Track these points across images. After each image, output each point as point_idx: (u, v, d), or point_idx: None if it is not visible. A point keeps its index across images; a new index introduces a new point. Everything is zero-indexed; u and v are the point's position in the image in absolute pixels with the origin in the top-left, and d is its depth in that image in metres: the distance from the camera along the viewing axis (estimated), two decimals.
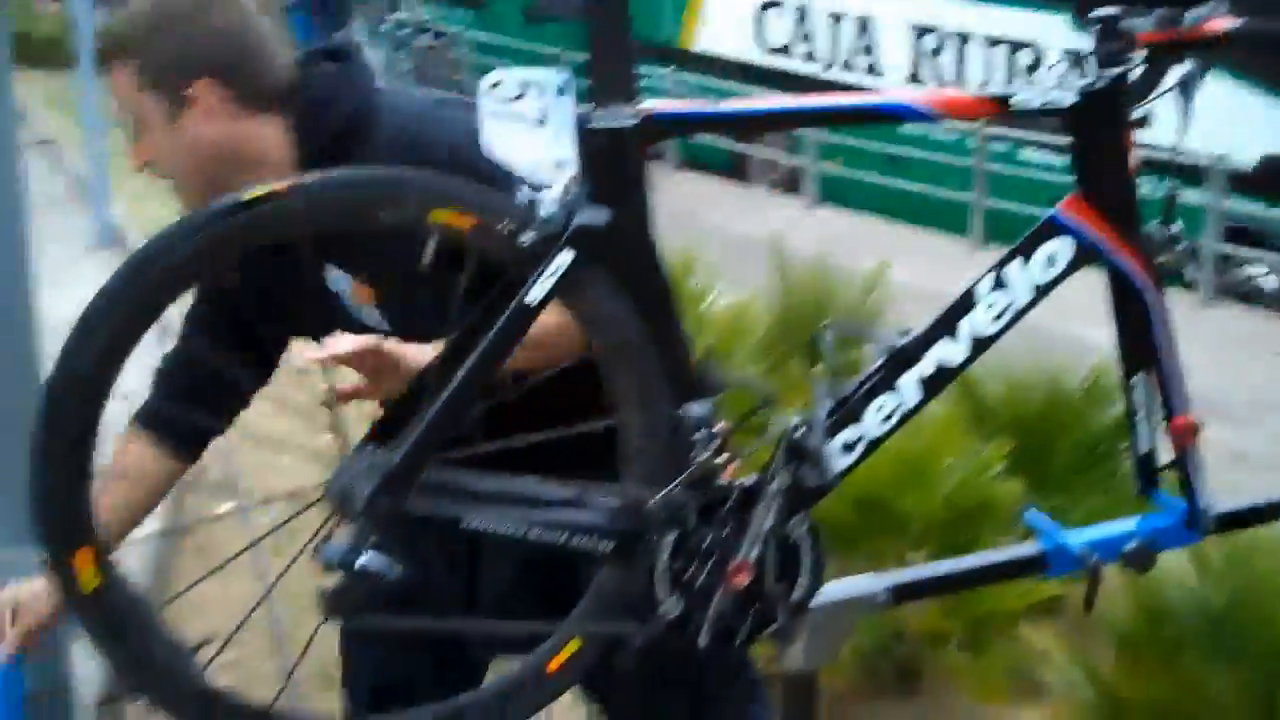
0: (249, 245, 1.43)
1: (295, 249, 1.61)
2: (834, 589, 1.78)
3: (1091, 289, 1.72)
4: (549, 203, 1.44)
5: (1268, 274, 9.07)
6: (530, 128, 1.46)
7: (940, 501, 3.40)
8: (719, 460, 1.53)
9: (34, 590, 2.08)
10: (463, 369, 1.45)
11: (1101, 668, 2.79)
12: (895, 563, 3.15)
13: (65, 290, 2.28)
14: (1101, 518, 3.32)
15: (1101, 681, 2.76)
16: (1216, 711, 2.56)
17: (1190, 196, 9.08)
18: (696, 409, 1.53)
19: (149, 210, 8.67)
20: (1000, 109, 1.63)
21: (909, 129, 11.02)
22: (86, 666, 2.90)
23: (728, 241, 8.95)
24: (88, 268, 6.93)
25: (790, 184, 12.32)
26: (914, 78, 11.21)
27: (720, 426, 1.54)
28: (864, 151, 11.18)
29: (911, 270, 6.91)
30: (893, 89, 1.97)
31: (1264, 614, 2.63)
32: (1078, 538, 1.77)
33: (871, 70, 11.68)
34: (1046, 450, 3.74)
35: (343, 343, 1.63)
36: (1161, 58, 1.62)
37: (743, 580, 1.56)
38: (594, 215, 1.45)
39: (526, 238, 1.42)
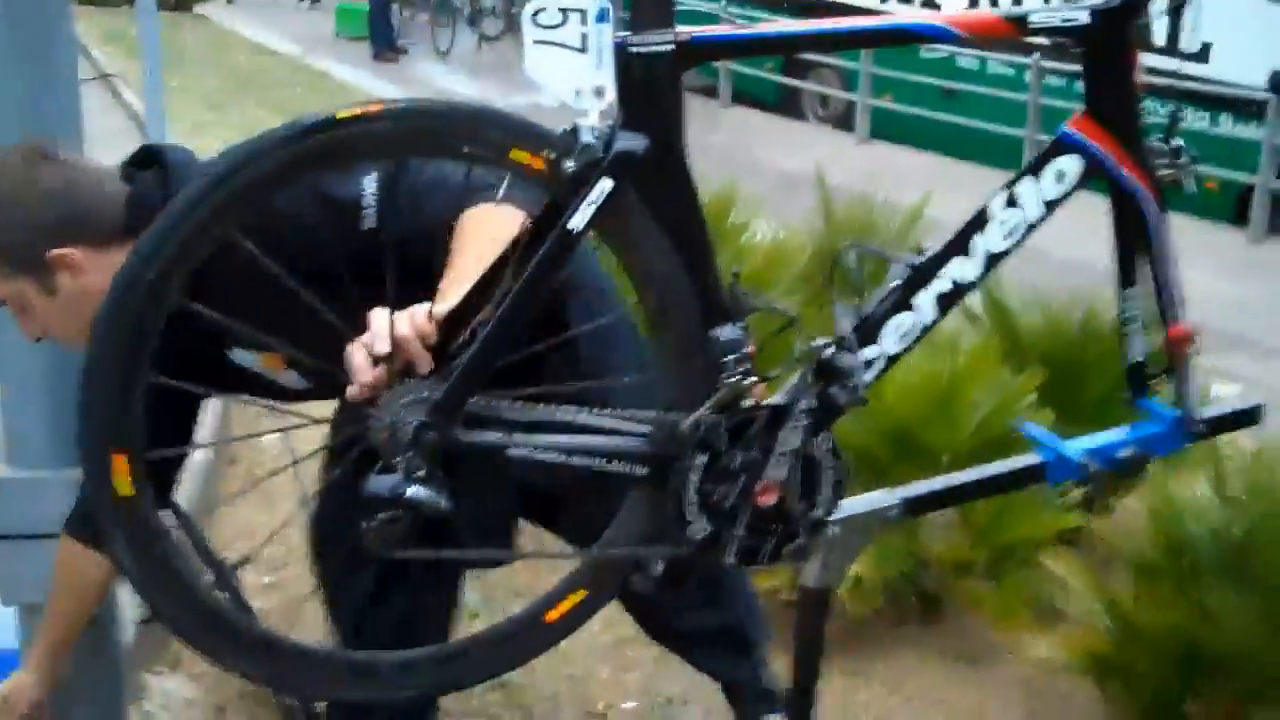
0: (333, 164, 1.47)
1: (197, 338, 1.64)
2: (848, 505, 1.83)
3: None
4: (588, 129, 1.46)
5: None
6: (571, 54, 1.50)
7: (969, 432, 3.41)
8: (748, 382, 1.57)
9: (18, 683, 2.24)
10: (508, 299, 1.47)
11: (1120, 597, 2.81)
12: None
13: None
14: None
15: (1119, 610, 2.79)
16: (1231, 639, 2.58)
17: (1246, 132, 8.96)
18: (727, 332, 1.56)
19: (204, 143, 8.78)
20: (1019, 29, 1.69)
21: (964, 63, 10.97)
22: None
23: (776, 176, 8.94)
24: None
25: (842, 119, 12.24)
26: (973, 2, 11.06)
27: (749, 349, 1.58)
28: (917, 86, 11.08)
29: (959, 204, 6.84)
30: (919, 11, 2.04)
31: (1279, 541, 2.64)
32: (1075, 447, 1.84)
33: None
34: (1078, 382, 3.74)
35: (379, 339, 1.55)
36: None
37: (770, 499, 1.62)
38: (632, 141, 1.47)
39: (568, 165, 1.44)
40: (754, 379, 1.58)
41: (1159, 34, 9.17)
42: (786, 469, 1.62)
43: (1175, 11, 1.94)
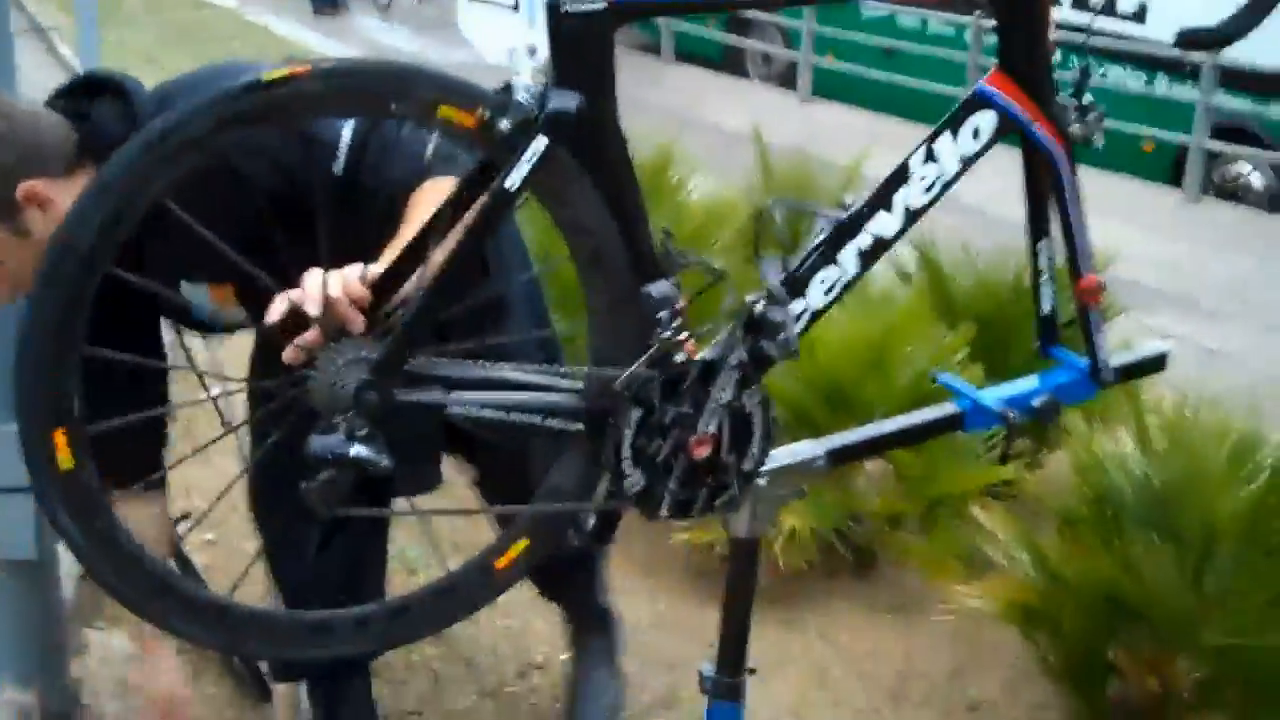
0: (264, 123, 1.45)
1: (146, 273, 1.65)
2: (775, 456, 1.88)
3: None
4: (522, 88, 1.46)
5: (1253, 171, 9.07)
6: (504, 12, 1.52)
7: (902, 388, 3.47)
8: (680, 337, 1.60)
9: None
10: (446, 257, 1.48)
11: (1046, 548, 2.88)
12: None
13: None
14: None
15: (1045, 561, 2.85)
16: (1151, 588, 2.65)
17: (1180, 93, 9.08)
18: (659, 288, 1.58)
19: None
20: None
21: (904, 22, 11.02)
22: None
23: (718, 134, 8.95)
24: None
25: (786, 78, 12.27)
26: None
27: (680, 305, 1.60)
28: (859, 45, 11.12)
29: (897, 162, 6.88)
30: None
31: (1200, 495, 2.72)
32: (991, 396, 1.91)
33: None
34: (1009, 338, 3.80)
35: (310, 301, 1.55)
36: None
37: (703, 452, 1.64)
38: (566, 100, 1.47)
39: (503, 124, 1.45)
40: (686, 334, 1.60)
41: None
42: (719, 422, 1.65)
43: None
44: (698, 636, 3.13)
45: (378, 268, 1.61)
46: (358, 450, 1.45)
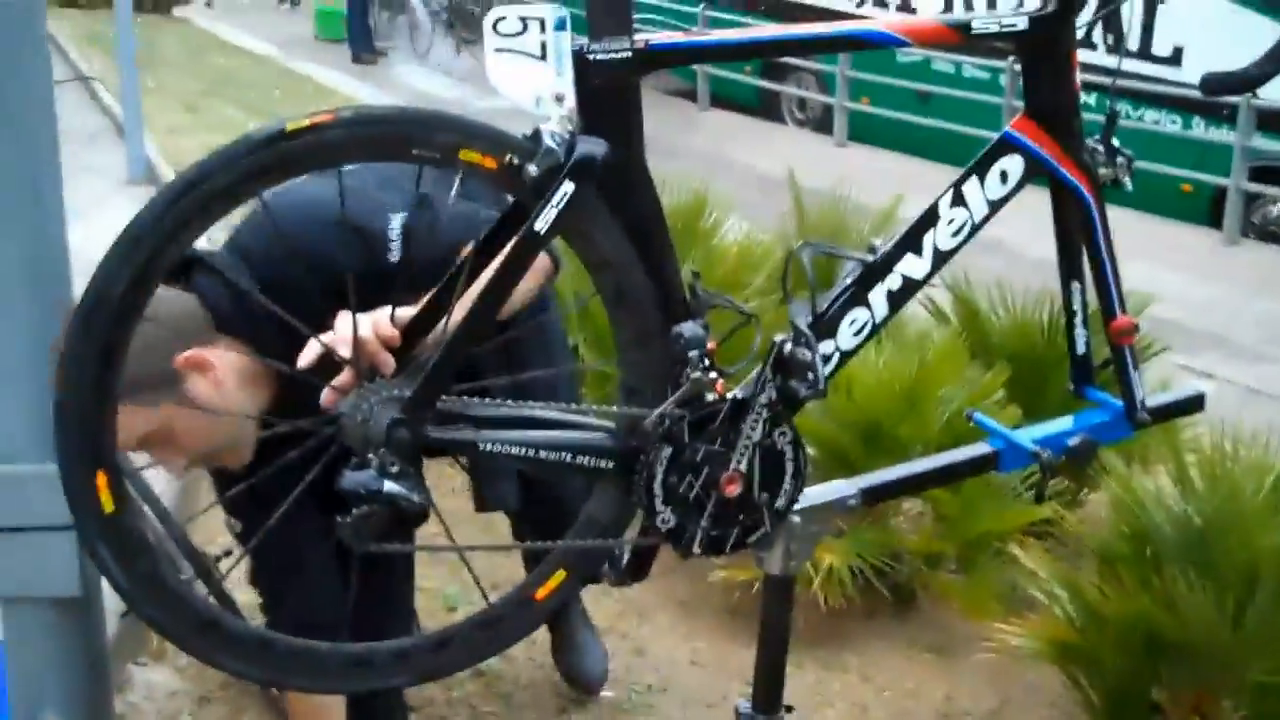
0: (287, 174, 1.47)
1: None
2: (809, 494, 1.89)
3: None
4: (550, 135, 1.51)
5: None
6: (531, 61, 1.55)
7: (938, 428, 3.47)
8: (709, 377, 1.62)
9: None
10: (475, 299, 1.53)
11: (1085, 586, 2.87)
12: None
13: (98, 224, 2.36)
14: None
15: (1085, 599, 2.84)
16: (1192, 625, 2.64)
17: (1217, 134, 9.05)
18: (688, 329, 1.62)
19: (182, 145, 8.82)
20: (961, 35, 1.78)
21: (939, 66, 11.05)
22: None
23: (753, 178, 9.00)
24: (121, 202, 7.07)
25: (821, 123, 12.31)
26: (948, 4, 11.14)
27: (710, 345, 1.63)
28: (894, 89, 11.15)
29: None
30: (868, 19, 2.17)
31: (1240, 533, 2.70)
32: (1025, 436, 1.91)
33: (906, 8, 11.61)
34: (1045, 379, 3.80)
35: (342, 343, 1.63)
36: None
37: (734, 490, 1.67)
38: (593, 146, 1.51)
39: (531, 169, 1.49)
40: (715, 374, 1.63)
41: (1132, 39, 9.27)
42: (749, 460, 1.67)
43: (1115, 14, 2.04)
44: (737, 675, 3.13)
45: (407, 311, 1.65)
46: (390, 487, 1.48)
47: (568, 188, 1.49)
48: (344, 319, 1.62)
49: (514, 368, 2.26)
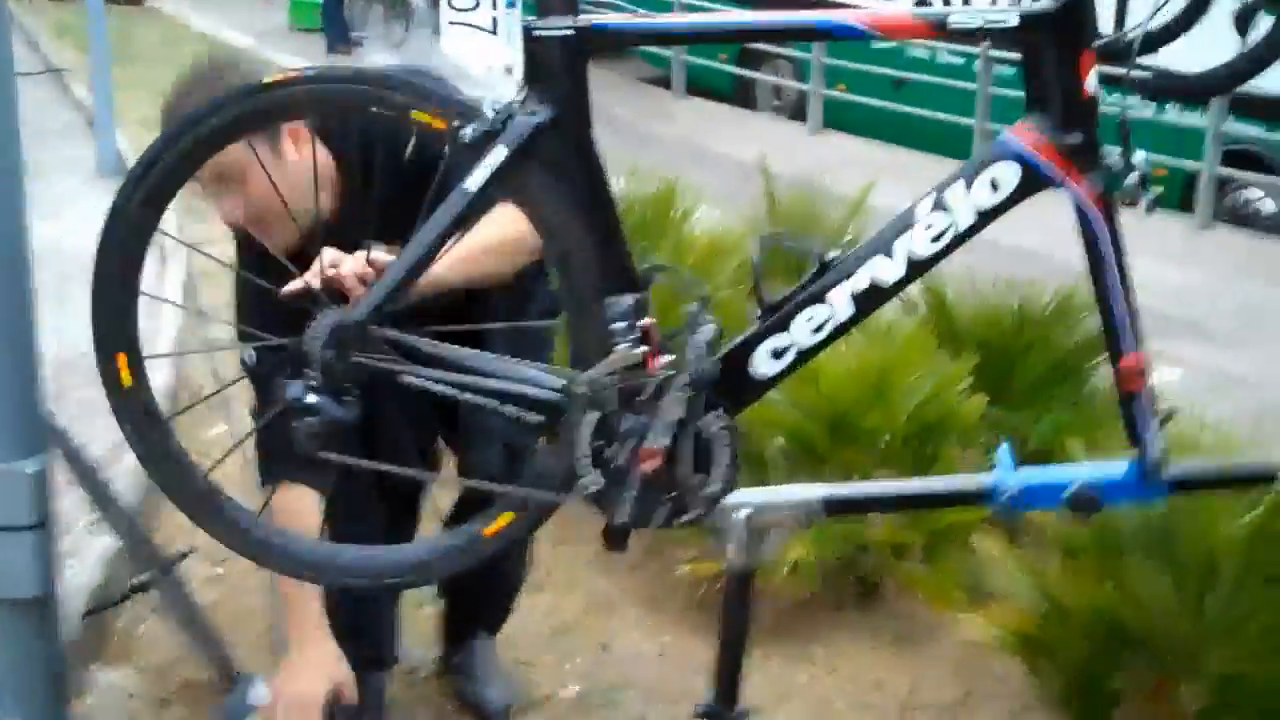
0: (267, 120, 1.92)
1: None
2: (769, 494, 1.88)
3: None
4: (490, 103, 1.61)
5: (1264, 198, 9.06)
6: (483, 35, 1.72)
7: (905, 417, 3.47)
8: (639, 350, 1.65)
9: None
10: (412, 248, 1.66)
11: (1048, 577, 2.87)
12: (862, 477, 3.24)
13: (70, 218, 2.36)
14: (1067, 434, 3.42)
15: (1047, 589, 2.85)
16: (1153, 615, 2.64)
17: (1190, 119, 9.07)
18: (621, 301, 1.65)
19: (152, 139, 8.71)
20: (938, 30, 1.62)
21: (914, 53, 11.03)
22: (76, 579, 3.02)
23: (729, 166, 8.98)
24: (92, 194, 7.01)
25: (797, 110, 12.30)
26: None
27: (646, 321, 1.66)
28: (869, 76, 11.14)
29: (908, 194, 6.88)
30: (841, 7, 1.96)
31: (1199, 524, 2.70)
32: (1026, 480, 1.78)
33: None
34: (1013, 368, 3.81)
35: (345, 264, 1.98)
36: None
37: (652, 465, 1.68)
38: (529, 115, 1.60)
39: (466, 132, 1.59)
40: (644, 349, 1.66)
41: (1105, 23, 9.28)
42: (670, 439, 1.67)
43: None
44: (704, 670, 3.11)
45: (381, 253, 1.90)
46: (311, 399, 1.66)
47: (500, 152, 1.58)
48: (329, 252, 1.96)
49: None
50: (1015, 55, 1.69)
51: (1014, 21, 1.60)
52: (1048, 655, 2.86)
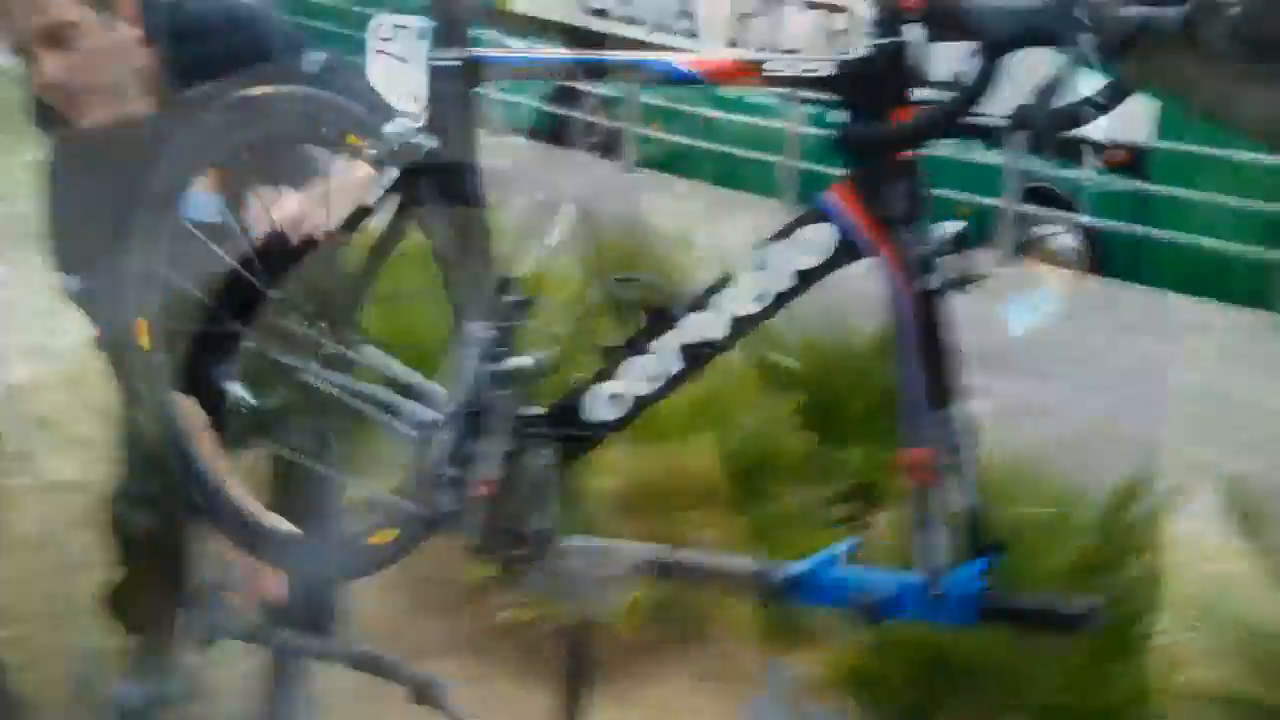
0: (240, 135, 1.94)
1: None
2: (602, 545, 1.85)
3: None
4: (395, 127, 1.74)
5: (1063, 233, 9.43)
6: (400, 64, 1.93)
7: (730, 453, 3.49)
8: (486, 372, 1.71)
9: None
10: (312, 249, 1.87)
11: None
12: (690, 511, 3.28)
13: None
14: (890, 470, 3.45)
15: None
16: (975, 650, 2.69)
17: (989, 156, 9.38)
18: (474, 328, 1.71)
19: None
20: (756, 74, 1.58)
21: (725, 93, 11.19)
22: None
23: (542, 205, 8.94)
24: None
25: (609, 149, 12.37)
26: (732, 42, 11.32)
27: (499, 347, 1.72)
28: (682, 114, 11.27)
29: (721, 232, 7.02)
30: (669, 54, 1.91)
31: (1019, 554, 2.75)
32: (821, 574, 1.65)
33: (691, 34, 11.75)
34: (838, 404, 3.86)
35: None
36: (936, 30, 1.45)
37: (483, 493, 1.73)
38: (422, 140, 1.73)
39: (370, 152, 1.76)
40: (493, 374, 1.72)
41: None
42: (497, 470, 1.72)
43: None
44: (525, 716, 3.07)
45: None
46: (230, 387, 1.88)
47: (392, 172, 1.73)
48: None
49: None
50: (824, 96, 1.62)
51: (829, 70, 1.50)
52: (874, 691, 2.89)
